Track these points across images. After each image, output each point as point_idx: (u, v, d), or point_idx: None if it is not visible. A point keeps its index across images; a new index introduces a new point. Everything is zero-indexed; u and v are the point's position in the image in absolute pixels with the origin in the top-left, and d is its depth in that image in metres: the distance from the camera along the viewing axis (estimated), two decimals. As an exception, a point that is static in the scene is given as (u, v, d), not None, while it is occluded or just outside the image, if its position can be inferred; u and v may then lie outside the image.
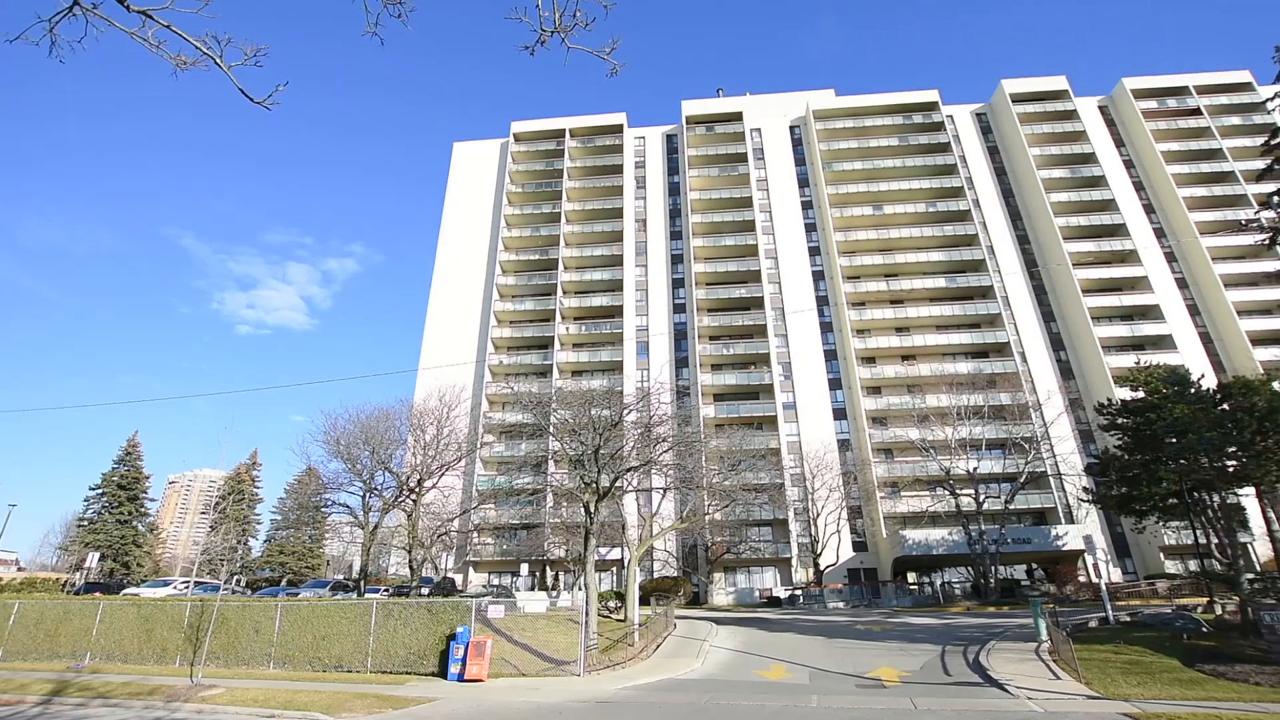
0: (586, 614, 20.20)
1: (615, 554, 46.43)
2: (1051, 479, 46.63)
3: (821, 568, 45.59)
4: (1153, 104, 65.08)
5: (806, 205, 64.87)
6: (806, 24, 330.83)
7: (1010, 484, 44.01)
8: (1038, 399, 48.71)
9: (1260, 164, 26.76)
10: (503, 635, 21.26)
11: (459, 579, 47.64)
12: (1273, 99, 24.40)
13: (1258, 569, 39.24)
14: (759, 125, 69.51)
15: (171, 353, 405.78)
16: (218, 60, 4.99)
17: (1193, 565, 41.69)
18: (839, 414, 54.59)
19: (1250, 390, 31.30)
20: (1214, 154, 61.63)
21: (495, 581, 47.86)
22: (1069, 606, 33.35)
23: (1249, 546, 40.99)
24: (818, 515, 46.22)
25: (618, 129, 69.67)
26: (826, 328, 58.38)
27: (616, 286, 61.17)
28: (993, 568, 40.40)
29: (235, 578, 53.43)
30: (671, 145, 69.98)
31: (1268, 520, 37.97)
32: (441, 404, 36.59)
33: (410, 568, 32.97)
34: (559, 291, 60.48)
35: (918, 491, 49.29)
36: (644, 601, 36.94)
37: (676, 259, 62.92)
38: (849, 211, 62.38)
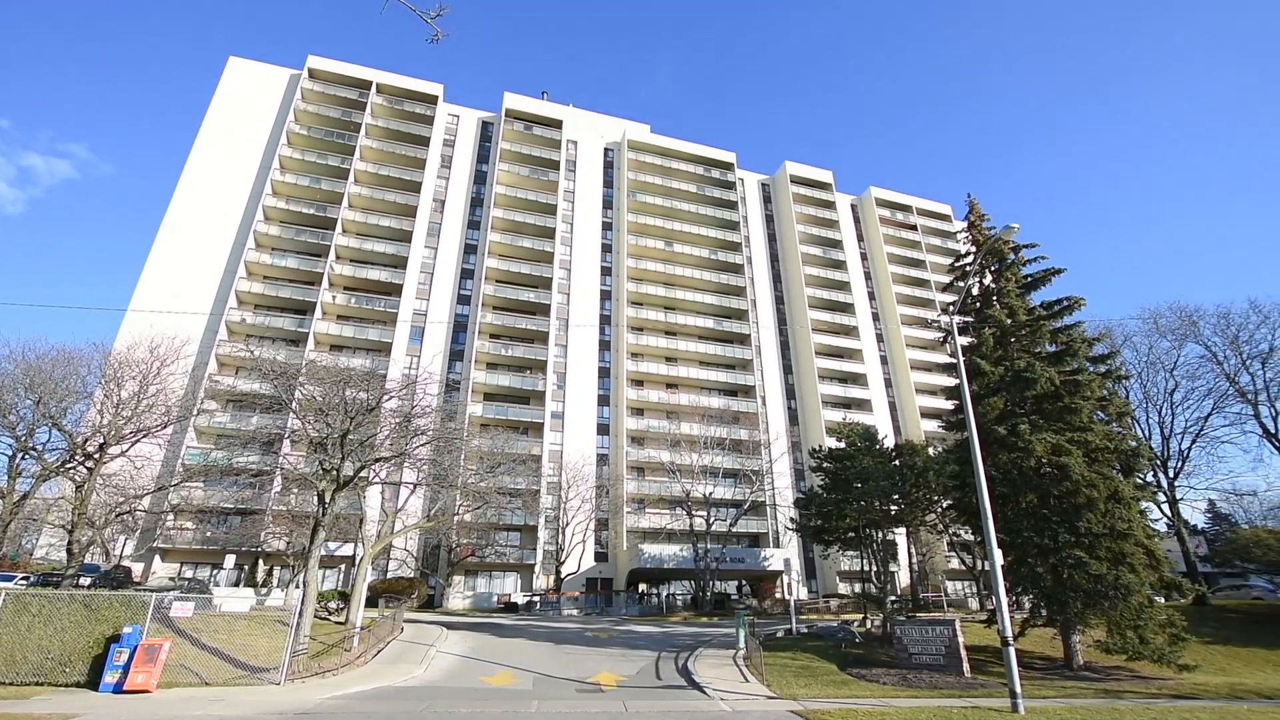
0: (300, 614, 18.14)
1: (348, 550, 42.56)
2: (768, 508, 53.90)
3: (563, 575, 46.77)
4: (886, 212, 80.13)
5: (606, 226, 67.46)
6: (643, 58, 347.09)
7: (736, 509, 49.83)
8: (769, 438, 56.38)
9: (946, 279, 34.60)
10: (188, 638, 18.06)
11: (139, 569, 39.59)
12: (959, 233, 31.73)
13: (899, 592, 49.52)
14: (576, 138, 70.70)
15: None
16: None
17: (858, 587, 51.25)
18: (603, 429, 57.03)
19: (914, 452, 40.41)
20: (919, 263, 77.74)
21: (189, 574, 40.48)
22: (765, 618, 38.59)
23: (896, 575, 51.54)
24: (567, 525, 47.47)
25: (432, 99, 65.45)
26: (605, 346, 60.92)
27: (400, 263, 56.87)
28: (711, 582, 45.24)
29: None
30: (486, 133, 67.72)
31: (910, 554, 48.52)
32: (153, 356, 30.37)
33: (69, 551, 26.47)
34: (332, 255, 54.30)
35: (660, 509, 53.44)
36: (373, 603, 34.42)
37: (470, 249, 60.68)
38: (643, 241, 66.28)
